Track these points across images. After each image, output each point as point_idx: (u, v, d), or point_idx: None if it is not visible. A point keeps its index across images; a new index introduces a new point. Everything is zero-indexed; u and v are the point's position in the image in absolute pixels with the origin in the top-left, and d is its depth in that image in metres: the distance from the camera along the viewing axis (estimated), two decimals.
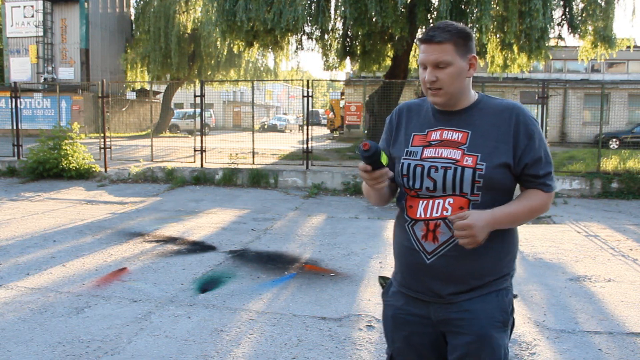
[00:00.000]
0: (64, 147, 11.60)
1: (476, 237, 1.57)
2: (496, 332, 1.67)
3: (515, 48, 13.83)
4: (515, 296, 1.78)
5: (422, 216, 1.70)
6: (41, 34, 25.68)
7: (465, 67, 1.68)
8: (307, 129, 11.80)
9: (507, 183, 1.69)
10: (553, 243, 6.60)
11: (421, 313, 1.75)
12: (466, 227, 1.56)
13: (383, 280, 1.93)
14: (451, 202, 1.66)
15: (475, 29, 12.25)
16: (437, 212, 1.68)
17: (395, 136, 1.85)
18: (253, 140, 12.57)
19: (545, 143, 1.69)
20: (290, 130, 33.31)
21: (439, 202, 1.68)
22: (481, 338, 1.66)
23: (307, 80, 12.18)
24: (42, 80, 25.47)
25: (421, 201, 1.71)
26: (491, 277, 1.69)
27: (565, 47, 17.20)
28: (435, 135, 1.74)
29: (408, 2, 12.89)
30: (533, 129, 1.67)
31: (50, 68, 25.97)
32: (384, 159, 1.60)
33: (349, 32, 14.48)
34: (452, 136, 1.71)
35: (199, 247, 6.21)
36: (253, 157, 12.48)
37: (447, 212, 1.66)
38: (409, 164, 1.73)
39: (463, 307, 1.68)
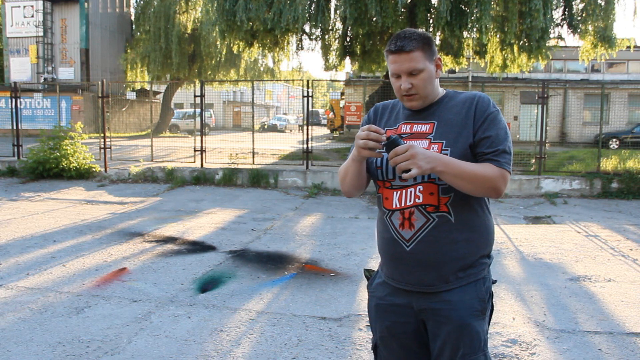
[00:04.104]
0: (64, 147, 11.60)
1: (416, 159, 1.60)
2: (474, 321, 1.77)
3: (515, 48, 13.84)
4: (494, 282, 1.88)
5: (398, 206, 1.80)
6: (41, 34, 25.67)
7: (434, 70, 1.81)
8: (307, 129, 11.80)
9: None
10: (553, 243, 6.60)
11: (403, 302, 1.84)
12: (406, 148, 1.61)
13: (368, 272, 2.03)
14: (421, 189, 1.76)
15: (475, 29, 12.25)
16: (410, 201, 1.78)
17: None
18: (253, 140, 12.57)
19: (502, 128, 1.77)
20: (290, 130, 33.26)
21: (411, 191, 1.78)
22: (460, 327, 1.76)
23: (307, 81, 12.17)
24: (42, 80, 25.46)
25: (395, 192, 1.81)
26: (468, 262, 1.78)
27: (565, 47, 17.20)
28: (405, 128, 1.86)
29: (408, 2, 12.88)
30: (488, 112, 1.77)
31: (50, 68, 25.97)
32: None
33: (349, 32, 14.47)
34: (420, 128, 1.83)
35: (199, 247, 6.22)
36: (253, 157, 12.48)
37: (419, 199, 1.76)
38: (382, 156, 1.81)
39: (443, 298, 1.78)
